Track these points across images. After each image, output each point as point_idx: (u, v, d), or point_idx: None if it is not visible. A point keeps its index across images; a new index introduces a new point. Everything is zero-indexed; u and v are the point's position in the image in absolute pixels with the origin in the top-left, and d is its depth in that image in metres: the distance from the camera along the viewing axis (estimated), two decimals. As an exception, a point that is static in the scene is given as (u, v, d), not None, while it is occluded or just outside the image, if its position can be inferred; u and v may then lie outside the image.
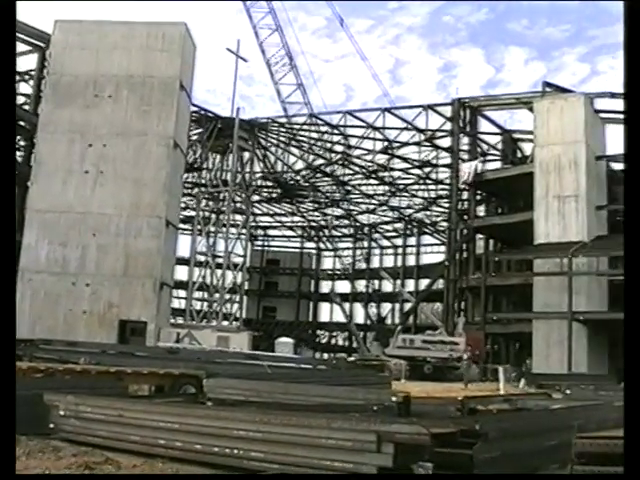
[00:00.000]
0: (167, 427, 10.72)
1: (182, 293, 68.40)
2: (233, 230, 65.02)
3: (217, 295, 60.99)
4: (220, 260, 62.35)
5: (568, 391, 27.12)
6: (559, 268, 47.89)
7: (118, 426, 11.24)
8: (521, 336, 52.53)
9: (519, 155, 65.39)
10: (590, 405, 16.03)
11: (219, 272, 62.17)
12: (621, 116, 54.34)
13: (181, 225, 58.07)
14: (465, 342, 48.77)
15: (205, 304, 62.99)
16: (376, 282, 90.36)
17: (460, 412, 14.46)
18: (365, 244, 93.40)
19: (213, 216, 66.54)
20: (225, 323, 58.48)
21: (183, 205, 63.59)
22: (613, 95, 53.67)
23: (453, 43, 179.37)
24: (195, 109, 57.97)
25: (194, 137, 62.81)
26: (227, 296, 63.12)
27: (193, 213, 67.19)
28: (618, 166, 55.71)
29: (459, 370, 44.90)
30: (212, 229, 65.52)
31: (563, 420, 11.57)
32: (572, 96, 53.73)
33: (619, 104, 53.75)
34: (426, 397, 20.74)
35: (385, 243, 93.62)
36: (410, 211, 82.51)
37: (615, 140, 53.82)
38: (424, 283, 76.49)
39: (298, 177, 73.43)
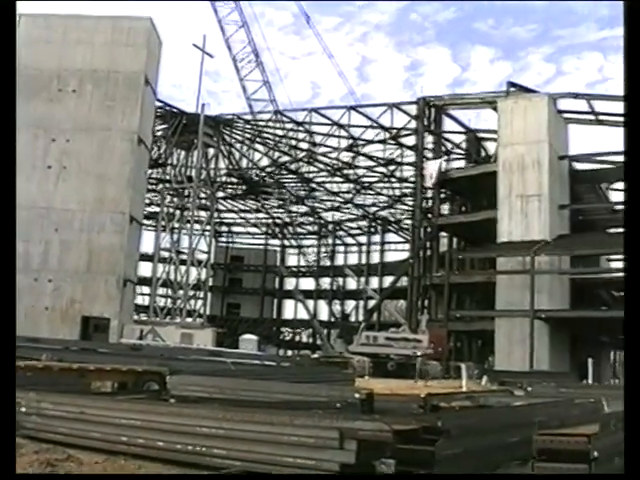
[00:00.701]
0: (130, 424, 10.66)
1: (146, 289, 68.09)
2: (197, 226, 64.83)
3: (181, 292, 60.74)
4: (184, 256, 62.13)
5: (530, 388, 27.35)
6: (522, 266, 48.29)
7: (80, 423, 11.16)
8: (484, 334, 52.93)
9: (483, 154, 65.83)
10: (551, 402, 16.18)
11: (183, 268, 61.91)
12: (583, 116, 55.09)
13: (145, 221, 57.75)
14: (428, 339, 48.97)
15: (169, 301, 62.78)
16: (340, 279, 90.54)
17: (423, 409, 14.54)
18: (329, 241, 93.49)
19: (177, 212, 66.33)
20: (189, 320, 58.34)
21: (147, 201, 63.21)
22: (576, 96, 54.25)
23: (420, 42, 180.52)
24: (160, 104, 57.70)
25: (159, 133, 62.48)
26: (191, 293, 62.97)
27: (157, 209, 66.92)
28: (580, 166, 56.38)
29: (425, 367, 45.14)
30: (176, 225, 65.28)
31: (524, 417, 11.68)
32: (536, 96, 54.20)
33: (582, 105, 54.40)
34: (389, 394, 20.82)
35: (349, 240, 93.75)
36: (375, 209, 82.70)
37: (577, 140, 54.42)
38: (388, 280, 76.75)
39: (263, 174, 73.33)
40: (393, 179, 71.45)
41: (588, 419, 11.08)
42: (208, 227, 67.25)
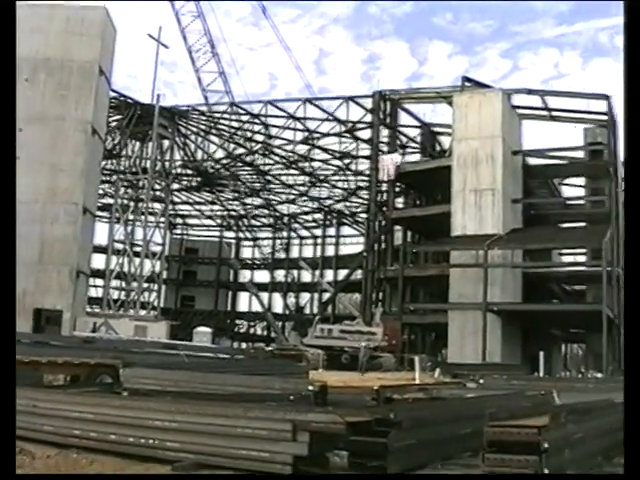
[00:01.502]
0: (82, 417, 10.60)
1: (99, 282, 67.49)
2: (152, 218, 64.35)
3: (135, 284, 60.32)
4: (138, 248, 61.71)
5: (481, 380, 27.65)
6: (475, 260, 48.70)
7: (32, 416, 11.06)
8: (437, 326, 53.34)
9: (438, 148, 66.26)
10: (503, 394, 16.38)
11: (137, 261, 61.49)
12: (537, 112, 55.70)
13: (99, 212, 57.23)
14: (382, 332, 49.24)
15: (123, 293, 62.25)
16: (295, 272, 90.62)
17: (376, 401, 14.63)
18: (284, 234, 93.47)
19: (132, 204, 65.81)
20: (143, 312, 57.89)
21: (101, 192, 62.67)
22: (530, 91, 54.79)
23: (378, 35, 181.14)
24: (114, 95, 57.12)
25: (113, 123, 61.88)
26: (145, 285, 62.57)
27: (111, 200, 66.36)
28: (533, 161, 57.00)
29: (376, 360, 45.35)
30: (131, 217, 64.73)
31: (476, 409, 11.80)
32: (490, 91, 54.62)
33: (536, 100, 54.99)
34: (343, 386, 20.94)
35: (304, 233, 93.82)
36: (330, 202, 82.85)
37: (531, 136, 55.01)
38: (343, 273, 76.87)
39: (218, 166, 73.00)
40: (348, 172, 71.61)
41: (539, 411, 11.23)
42: (163, 219, 66.82)
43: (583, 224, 60.34)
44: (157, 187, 67.81)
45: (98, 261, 64.64)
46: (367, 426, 9.20)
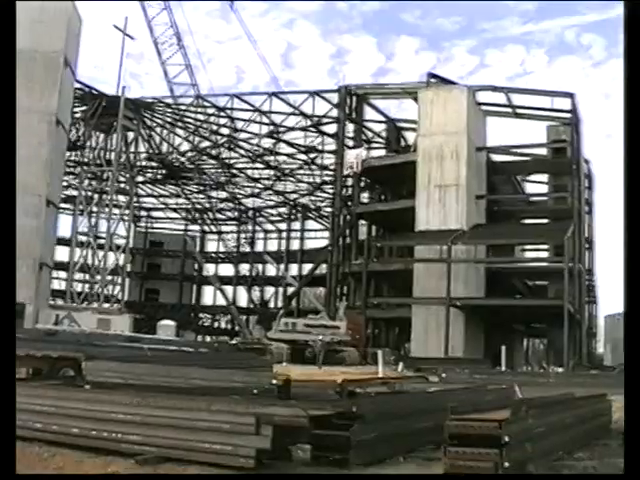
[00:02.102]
0: (44, 410, 10.54)
1: (62, 274, 66.87)
2: (116, 211, 63.97)
3: (98, 277, 59.85)
4: (102, 241, 61.20)
5: (444, 374, 27.93)
6: (439, 255, 48.99)
7: (-7, 409, 10.98)
8: (401, 321, 53.61)
9: (403, 144, 66.46)
10: (465, 388, 16.53)
11: (101, 253, 60.98)
12: (501, 109, 56.11)
13: (62, 204, 56.73)
14: (346, 326, 49.36)
15: (86, 286, 61.72)
16: (260, 266, 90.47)
17: (339, 395, 14.69)
18: (249, 228, 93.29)
19: (96, 196, 65.20)
20: (106, 305, 57.49)
21: (65, 184, 62.09)
22: (495, 89, 55.20)
23: (346, 29, 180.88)
24: (79, 86, 56.62)
25: (78, 114, 61.31)
26: (109, 278, 62.09)
27: (75, 192, 65.74)
28: (497, 157, 57.44)
29: (339, 354, 45.45)
30: (95, 209, 64.20)
31: (438, 402, 11.91)
32: (455, 88, 54.94)
33: (501, 97, 55.38)
34: (306, 380, 20.94)
35: (269, 227, 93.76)
36: (295, 196, 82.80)
37: (495, 132, 55.41)
38: (307, 267, 76.91)
39: (183, 159, 72.65)
40: (314, 166, 71.63)
41: (501, 405, 11.35)
42: (127, 211, 66.44)
43: (546, 220, 60.97)
44: (122, 179, 67.33)
45: (61, 253, 64.17)
46: (330, 420, 9.26)
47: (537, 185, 66.21)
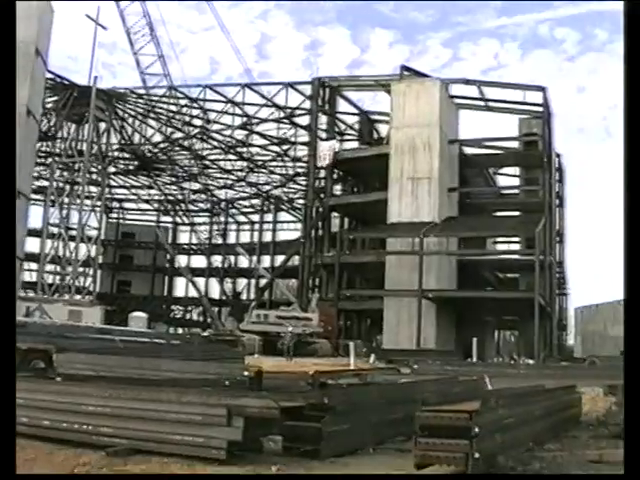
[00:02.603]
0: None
1: (33, 265, 66.40)
2: (88, 202, 63.50)
3: (70, 268, 59.45)
4: (73, 232, 60.78)
5: (416, 366, 28.09)
6: (411, 247, 49.12)
7: (-38, 401, 10.90)
8: (373, 313, 53.77)
9: (376, 136, 66.56)
10: (435, 380, 16.63)
11: (72, 245, 60.55)
12: (474, 102, 56.37)
13: (33, 195, 56.22)
14: (318, 318, 49.43)
15: (57, 277, 61.31)
16: (232, 257, 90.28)
17: (311, 386, 14.74)
18: (222, 219, 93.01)
19: (67, 187, 64.75)
20: (78, 297, 57.12)
21: (35, 175, 61.50)
22: (467, 82, 55.42)
23: (320, 21, 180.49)
24: (51, 76, 56.06)
25: (49, 105, 60.76)
26: (80, 269, 61.71)
27: (46, 183, 65.27)
28: (470, 150, 57.71)
29: (311, 346, 45.52)
30: (66, 200, 63.73)
31: (410, 394, 11.98)
32: (428, 81, 55.07)
33: (473, 90, 55.61)
34: (278, 372, 20.98)
35: (242, 219, 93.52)
36: (268, 187, 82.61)
37: (467, 125, 55.59)
38: (280, 259, 76.87)
39: (156, 150, 72.23)
40: (287, 158, 71.45)
41: (471, 396, 11.43)
42: (99, 203, 66.01)
43: (517, 213, 61.38)
44: (93, 170, 66.88)
45: (32, 245, 63.60)
46: (301, 411, 9.29)
47: (509, 178, 66.61)
